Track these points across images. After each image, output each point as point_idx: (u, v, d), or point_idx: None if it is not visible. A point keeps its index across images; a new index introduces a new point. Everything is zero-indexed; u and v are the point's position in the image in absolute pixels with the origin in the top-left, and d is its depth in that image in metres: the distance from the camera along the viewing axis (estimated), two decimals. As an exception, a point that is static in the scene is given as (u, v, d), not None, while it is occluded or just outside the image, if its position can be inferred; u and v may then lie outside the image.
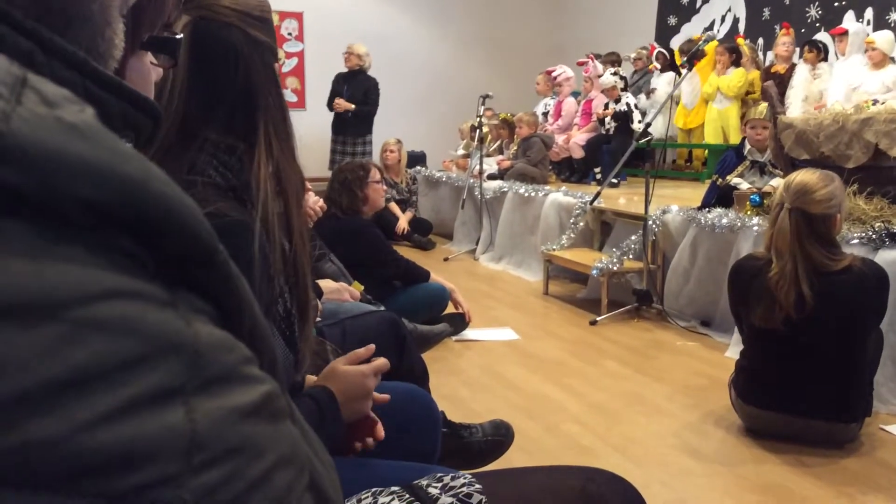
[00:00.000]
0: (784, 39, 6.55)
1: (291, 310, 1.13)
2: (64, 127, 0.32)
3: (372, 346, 1.35)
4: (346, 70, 7.31)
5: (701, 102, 7.24)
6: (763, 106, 4.49)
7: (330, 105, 7.31)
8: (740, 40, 7.31)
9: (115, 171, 0.33)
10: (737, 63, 6.89)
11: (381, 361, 1.32)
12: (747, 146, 4.52)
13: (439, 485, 1.07)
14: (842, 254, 2.46)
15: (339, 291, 2.82)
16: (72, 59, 0.40)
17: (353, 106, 7.13)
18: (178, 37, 0.62)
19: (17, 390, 0.29)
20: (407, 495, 1.05)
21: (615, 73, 6.85)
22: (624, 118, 6.60)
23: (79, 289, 0.31)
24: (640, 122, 6.56)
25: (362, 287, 3.16)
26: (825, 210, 2.41)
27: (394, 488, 1.08)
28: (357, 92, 7.17)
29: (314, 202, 2.75)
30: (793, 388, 2.49)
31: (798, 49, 6.61)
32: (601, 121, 6.84)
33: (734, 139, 6.39)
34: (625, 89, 6.75)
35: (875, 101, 4.88)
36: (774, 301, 2.42)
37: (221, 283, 0.38)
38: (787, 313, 2.41)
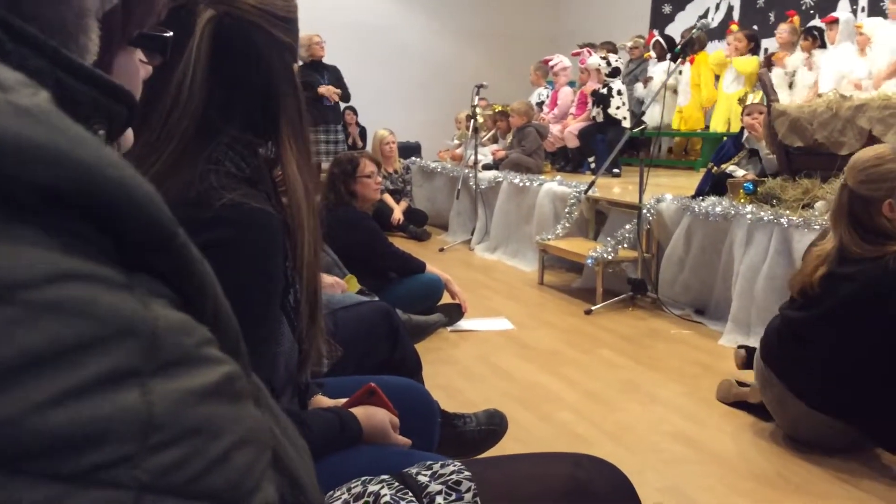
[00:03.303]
0: (782, 27, 6.54)
1: (301, 300, 1.14)
2: (17, 110, 0.32)
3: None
4: (309, 60, 6.87)
5: (694, 102, 7.23)
6: (761, 93, 4.49)
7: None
8: (734, 26, 7.31)
9: (68, 155, 0.33)
10: (754, 51, 6.87)
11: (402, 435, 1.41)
12: (745, 134, 4.52)
13: (429, 472, 1.08)
14: (880, 246, 2.17)
15: (333, 287, 2.83)
16: (42, 47, 0.40)
17: (340, 92, 6.97)
18: (167, 34, 0.62)
19: None
20: (396, 483, 1.06)
21: (604, 58, 6.83)
22: (604, 101, 6.57)
23: (31, 271, 0.31)
24: (618, 108, 6.55)
25: (358, 286, 3.16)
26: (868, 191, 2.16)
27: (383, 476, 1.08)
28: (332, 79, 7.01)
29: None
30: (793, 360, 2.37)
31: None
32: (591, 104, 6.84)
33: (737, 128, 6.39)
34: (611, 75, 6.71)
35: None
36: (806, 266, 2.33)
37: (181, 266, 0.39)
38: (806, 282, 2.29)
